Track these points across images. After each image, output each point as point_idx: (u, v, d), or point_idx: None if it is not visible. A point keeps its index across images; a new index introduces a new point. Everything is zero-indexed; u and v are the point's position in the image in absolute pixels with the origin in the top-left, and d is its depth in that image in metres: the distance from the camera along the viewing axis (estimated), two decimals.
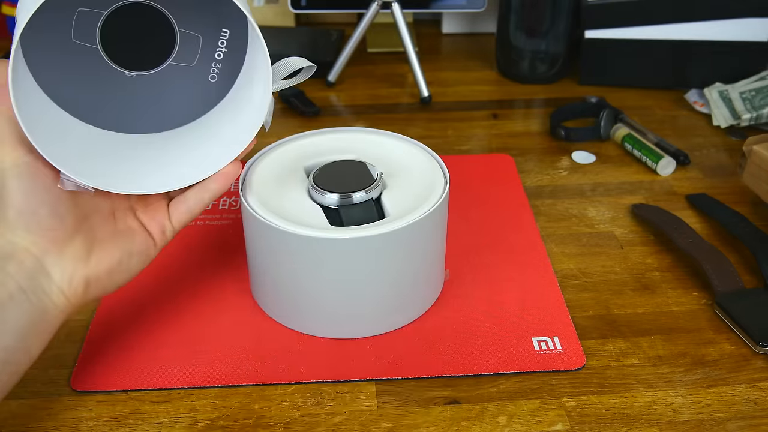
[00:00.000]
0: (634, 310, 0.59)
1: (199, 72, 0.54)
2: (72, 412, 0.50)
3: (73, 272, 0.46)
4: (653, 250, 0.65)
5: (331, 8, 0.97)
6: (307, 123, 0.86)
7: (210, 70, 0.54)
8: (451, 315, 0.58)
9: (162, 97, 0.54)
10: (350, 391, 0.52)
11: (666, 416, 0.50)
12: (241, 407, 0.51)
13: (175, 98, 0.54)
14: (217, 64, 0.54)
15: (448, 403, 0.51)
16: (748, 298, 0.58)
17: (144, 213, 0.51)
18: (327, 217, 0.54)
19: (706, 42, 0.88)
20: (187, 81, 0.54)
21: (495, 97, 0.92)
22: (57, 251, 0.46)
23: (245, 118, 0.52)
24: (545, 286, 0.61)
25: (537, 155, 0.80)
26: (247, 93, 0.53)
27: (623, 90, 0.92)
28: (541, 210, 0.71)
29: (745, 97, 0.84)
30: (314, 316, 0.55)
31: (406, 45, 0.91)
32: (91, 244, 0.48)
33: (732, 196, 0.72)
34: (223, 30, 0.53)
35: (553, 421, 0.49)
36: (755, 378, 0.53)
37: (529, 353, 0.54)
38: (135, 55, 0.52)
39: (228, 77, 0.55)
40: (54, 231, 0.45)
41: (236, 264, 0.62)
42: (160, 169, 0.52)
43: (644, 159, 0.77)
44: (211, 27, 0.53)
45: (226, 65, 0.54)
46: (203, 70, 0.54)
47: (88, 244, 0.47)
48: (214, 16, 0.53)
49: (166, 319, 0.57)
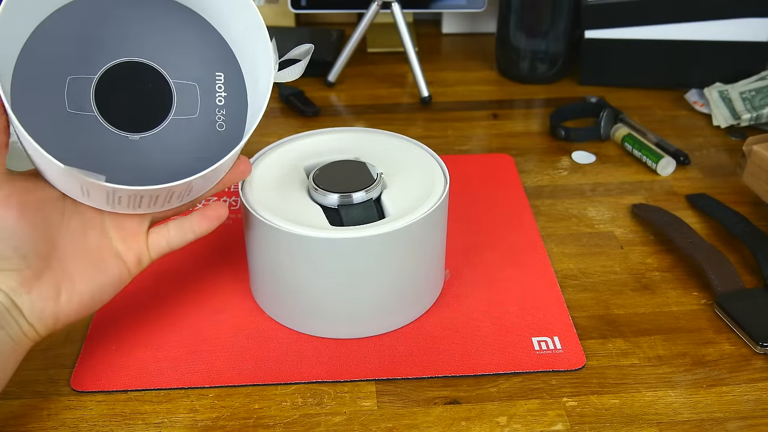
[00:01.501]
0: (634, 310, 0.59)
1: (205, 122, 0.52)
2: (72, 412, 0.50)
3: (43, 310, 0.46)
4: (653, 250, 0.65)
5: (331, 8, 0.97)
6: (307, 123, 0.86)
7: (215, 119, 0.52)
8: (451, 315, 0.58)
9: (172, 157, 0.51)
10: (350, 391, 0.52)
11: (666, 416, 0.50)
12: (241, 407, 0.51)
13: (185, 156, 0.51)
14: (220, 111, 0.52)
15: (448, 403, 0.51)
16: (748, 298, 0.58)
17: (121, 241, 0.50)
18: (327, 217, 0.54)
19: (706, 42, 0.88)
20: (195, 134, 0.51)
21: (495, 97, 0.92)
22: (25, 291, 0.45)
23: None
24: (545, 286, 0.61)
25: (537, 155, 0.80)
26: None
27: (623, 90, 0.92)
28: (541, 210, 0.71)
29: (745, 97, 0.84)
30: (314, 316, 0.55)
31: (406, 45, 0.91)
32: (60, 281, 0.47)
33: (732, 196, 0.72)
34: (217, 74, 0.52)
35: (553, 421, 0.49)
36: (755, 378, 0.53)
37: (529, 353, 0.54)
38: (135, 115, 0.50)
39: (235, 125, 0.52)
40: (19, 272, 0.45)
41: (236, 264, 0.62)
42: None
43: (644, 159, 0.77)
44: (203, 72, 0.51)
45: (230, 111, 0.52)
46: (208, 120, 0.52)
47: (56, 281, 0.46)
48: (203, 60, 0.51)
49: (166, 319, 0.57)
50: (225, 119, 0.52)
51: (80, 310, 0.48)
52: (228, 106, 0.52)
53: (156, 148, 0.51)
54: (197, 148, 0.51)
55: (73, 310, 0.47)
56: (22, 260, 0.45)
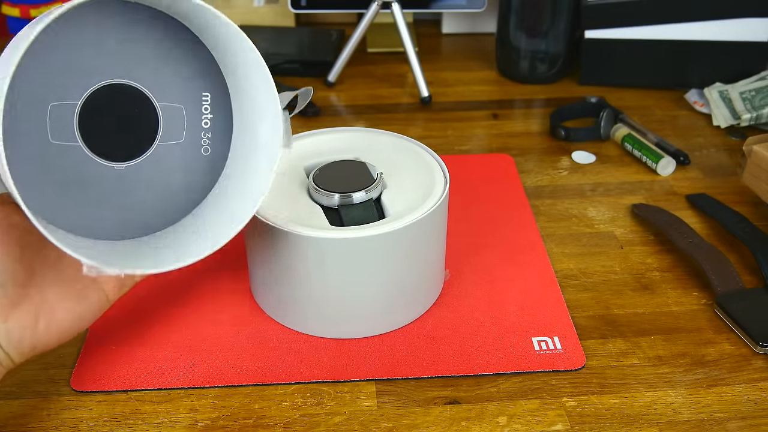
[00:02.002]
0: (634, 310, 0.59)
1: (191, 147, 0.50)
2: (72, 412, 0.50)
3: (20, 340, 0.45)
4: (653, 250, 0.65)
5: (331, 8, 0.97)
6: (307, 123, 0.86)
7: (201, 143, 0.50)
8: (451, 315, 0.58)
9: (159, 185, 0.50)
10: (350, 391, 0.52)
11: (666, 416, 0.50)
12: (241, 407, 0.51)
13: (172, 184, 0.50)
14: (206, 134, 0.50)
15: (448, 403, 0.51)
16: (748, 298, 0.58)
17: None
18: (327, 217, 0.54)
19: (706, 42, 0.88)
20: (181, 160, 0.50)
21: (495, 97, 0.92)
22: (1, 320, 0.44)
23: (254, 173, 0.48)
24: (545, 286, 0.61)
25: (537, 155, 0.80)
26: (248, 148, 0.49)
27: (623, 90, 0.92)
28: (541, 210, 0.71)
29: (745, 97, 0.84)
30: (314, 316, 0.55)
31: (406, 45, 0.91)
32: (38, 310, 0.45)
33: (732, 196, 0.72)
34: (204, 94, 0.50)
35: (553, 421, 0.49)
36: (755, 378, 0.53)
37: (529, 353, 0.54)
38: (120, 143, 0.48)
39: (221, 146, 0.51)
40: None
41: (236, 264, 0.62)
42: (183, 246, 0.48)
43: (644, 159, 0.77)
44: (190, 93, 0.50)
45: (216, 133, 0.51)
46: (194, 145, 0.50)
47: (35, 309, 0.45)
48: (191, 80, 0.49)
49: (166, 319, 0.57)
50: (210, 142, 0.50)
51: (59, 339, 0.47)
52: (213, 128, 0.50)
53: (139, 175, 0.49)
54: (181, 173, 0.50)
55: (52, 339, 0.46)
56: (0, 290, 0.43)
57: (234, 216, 0.49)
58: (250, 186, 0.49)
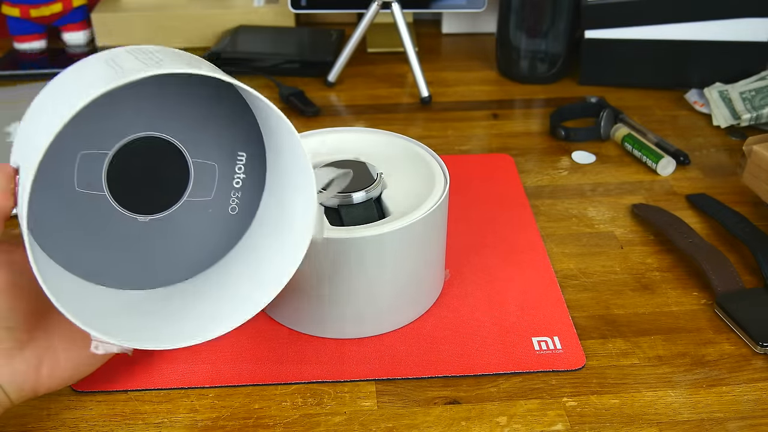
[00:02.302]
0: (634, 310, 0.59)
1: (218, 205, 0.48)
2: (72, 412, 0.50)
3: (23, 383, 0.45)
4: (653, 250, 0.65)
5: (331, 8, 0.97)
6: (307, 123, 0.86)
7: (230, 202, 0.48)
8: (451, 315, 0.58)
9: (179, 241, 0.48)
10: (350, 391, 0.52)
11: (666, 416, 0.50)
12: (241, 407, 0.51)
13: (193, 240, 0.48)
14: (236, 194, 0.48)
15: (448, 403, 0.51)
16: (748, 298, 0.58)
17: None
18: (327, 217, 0.54)
19: (706, 42, 0.88)
20: (206, 218, 0.48)
21: (495, 97, 0.92)
22: (5, 363, 0.44)
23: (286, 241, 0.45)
24: (545, 286, 0.61)
25: (537, 155, 0.80)
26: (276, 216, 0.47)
27: (623, 90, 0.92)
28: (541, 210, 0.71)
29: (745, 97, 0.84)
30: (314, 316, 0.55)
31: (406, 45, 0.91)
32: (43, 356, 0.45)
33: (732, 196, 0.72)
34: (239, 153, 0.48)
35: (553, 421, 0.49)
36: (755, 378, 0.53)
37: (529, 353, 0.54)
38: (146, 196, 0.46)
39: (249, 207, 0.49)
40: (2, 343, 0.44)
41: None
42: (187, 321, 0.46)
43: (644, 159, 0.77)
44: (225, 151, 0.48)
45: (246, 193, 0.49)
46: (222, 203, 0.48)
47: (39, 355, 0.45)
48: (229, 138, 0.47)
49: None
50: (239, 202, 0.49)
51: (60, 384, 0.47)
52: (245, 189, 0.49)
53: (162, 230, 0.48)
54: (204, 232, 0.48)
55: (54, 384, 0.46)
56: (7, 332, 0.44)
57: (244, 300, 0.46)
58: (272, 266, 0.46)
